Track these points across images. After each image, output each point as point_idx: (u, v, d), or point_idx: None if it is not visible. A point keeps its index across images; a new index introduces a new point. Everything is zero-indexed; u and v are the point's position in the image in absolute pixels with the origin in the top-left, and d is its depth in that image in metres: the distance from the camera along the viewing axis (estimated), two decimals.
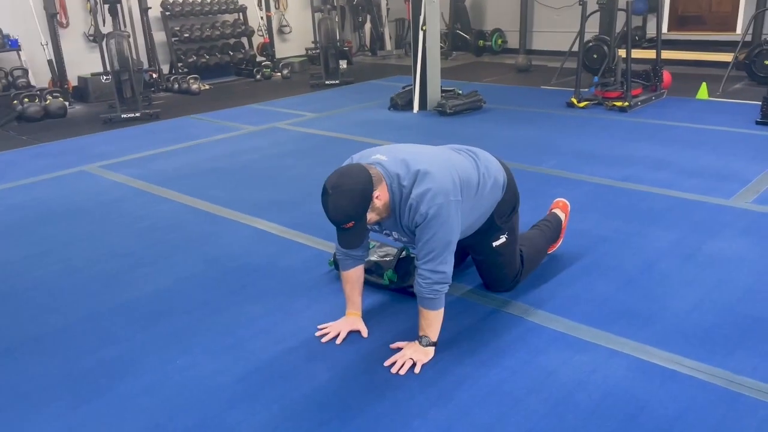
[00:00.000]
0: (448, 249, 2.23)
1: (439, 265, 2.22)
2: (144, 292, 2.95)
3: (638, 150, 4.83)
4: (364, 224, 2.22)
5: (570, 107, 6.37)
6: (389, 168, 2.25)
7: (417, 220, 2.20)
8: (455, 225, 2.24)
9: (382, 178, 2.22)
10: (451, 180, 2.26)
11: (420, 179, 2.21)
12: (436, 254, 2.21)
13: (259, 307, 2.76)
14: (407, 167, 2.25)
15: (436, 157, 2.34)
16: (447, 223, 2.20)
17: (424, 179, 2.21)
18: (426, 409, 2.06)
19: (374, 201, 2.18)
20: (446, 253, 2.23)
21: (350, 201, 2.13)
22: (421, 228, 2.20)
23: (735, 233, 3.28)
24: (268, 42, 9.68)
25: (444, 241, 2.21)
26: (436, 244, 2.20)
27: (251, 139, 5.71)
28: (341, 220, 2.16)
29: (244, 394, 2.18)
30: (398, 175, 2.24)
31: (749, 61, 7.01)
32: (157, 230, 3.67)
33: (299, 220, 3.72)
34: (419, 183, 2.20)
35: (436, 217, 2.18)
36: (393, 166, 2.26)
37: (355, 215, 2.15)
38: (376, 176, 2.20)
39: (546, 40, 10.27)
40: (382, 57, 11.10)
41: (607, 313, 2.59)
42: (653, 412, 2.00)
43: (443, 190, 2.21)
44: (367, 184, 2.15)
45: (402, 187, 2.23)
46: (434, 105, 6.39)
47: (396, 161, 2.28)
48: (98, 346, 2.51)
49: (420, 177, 2.21)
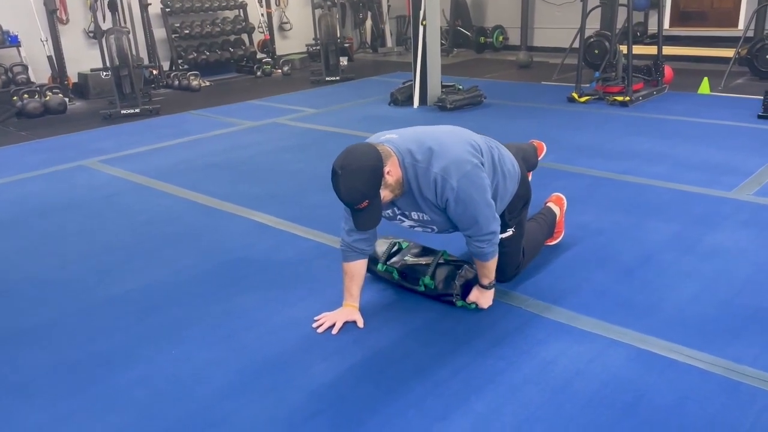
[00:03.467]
0: (489, 209, 2.27)
1: (486, 227, 2.28)
2: (138, 284, 2.92)
3: (639, 144, 4.80)
4: (379, 203, 2.19)
5: (571, 102, 6.34)
6: (400, 144, 2.24)
7: (447, 195, 2.19)
8: (486, 184, 2.26)
9: (392, 153, 2.20)
10: (466, 148, 2.27)
11: (437, 153, 2.20)
12: (482, 219, 2.25)
13: (254, 298, 2.74)
14: (419, 142, 2.24)
15: (447, 131, 2.37)
16: (479, 187, 2.23)
17: (442, 153, 2.20)
18: (422, 398, 2.04)
19: (386, 177, 2.16)
20: (488, 213, 2.27)
21: (361, 179, 2.10)
22: (454, 201, 2.20)
23: (736, 225, 3.24)
24: (268, 39, 9.66)
25: (482, 204, 2.24)
26: (477, 211, 2.23)
27: (251, 135, 5.69)
28: (354, 199, 2.13)
29: (237, 385, 2.16)
30: (410, 150, 2.22)
31: (751, 56, 6.97)
32: (153, 224, 3.65)
33: (298, 213, 3.70)
34: (438, 157, 2.19)
35: (468, 186, 2.19)
36: (404, 142, 2.25)
37: (369, 193, 2.12)
38: (385, 152, 2.18)
39: (547, 37, 10.23)
40: (383, 54, 11.07)
41: (606, 303, 2.56)
42: (652, 400, 1.98)
43: (463, 159, 2.22)
44: (377, 161, 2.13)
45: (416, 162, 2.21)
46: (434, 100, 6.36)
47: (406, 138, 2.27)
48: (90, 338, 2.49)
49: (436, 151, 2.20)
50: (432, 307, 2.58)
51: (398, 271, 2.68)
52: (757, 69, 6.95)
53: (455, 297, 2.52)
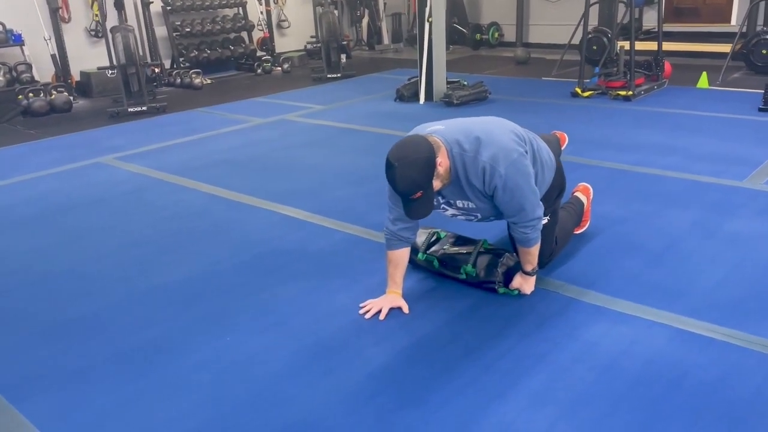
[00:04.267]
0: (534, 195, 2.38)
1: (532, 213, 2.38)
2: (176, 276, 2.98)
3: (646, 136, 4.92)
4: (432, 193, 2.28)
5: (574, 97, 6.45)
6: (447, 135, 2.32)
7: (495, 183, 2.28)
8: (531, 172, 2.37)
9: (441, 144, 2.29)
10: (512, 137, 2.38)
11: (485, 143, 2.29)
12: (527, 206, 2.35)
13: (295, 287, 2.81)
14: (466, 133, 2.33)
15: (491, 122, 2.46)
16: (525, 175, 2.33)
17: (489, 142, 2.29)
18: (476, 378, 2.12)
19: (437, 168, 2.24)
20: (533, 199, 2.38)
21: (416, 170, 2.18)
22: (502, 189, 2.29)
23: (752, 213, 3.36)
24: (267, 36, 9.69)
25: (528, 191, 2.35)
26: (523, 198, 2.33)
27: (262, 131, 5.74)
28: (410, 190, 2.21)
29: (296, 367, 2.23)
30: (458, 141, 2.31)
31: (747, 51, 7.13)
32: (180, 218, 3.70)
33: (323, 206, 3.76)
34: (485, 146, 2.28)
35: (515, 174, 2.29)
36: (451, 133, 2.33)
37: (423, 184, 2.21)
38: (435, 143, 2.27)
39: (542, 33, 10.36)
40: (380, 51, 11.14)
41: (639, 287, 2.66)
42: (696, 376, 2.08)
43: (510, 148, 2.31)
44: (430, 152, 2.22)
45: (464, 151, 2.30)
46: (440, 96, 6.45)
47: (453, 129, 2.36)
48: (141, 327, 2.55)
49: (484, 140, 2.29)
50: (473, 293, 2.66)
51: (438, 260, 2.76)
52: (753, 63, 7.12)
53: (497, 284, 2.61)
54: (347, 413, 2.00)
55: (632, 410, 1.93)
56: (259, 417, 2.00)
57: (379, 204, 3.71)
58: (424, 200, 2.25)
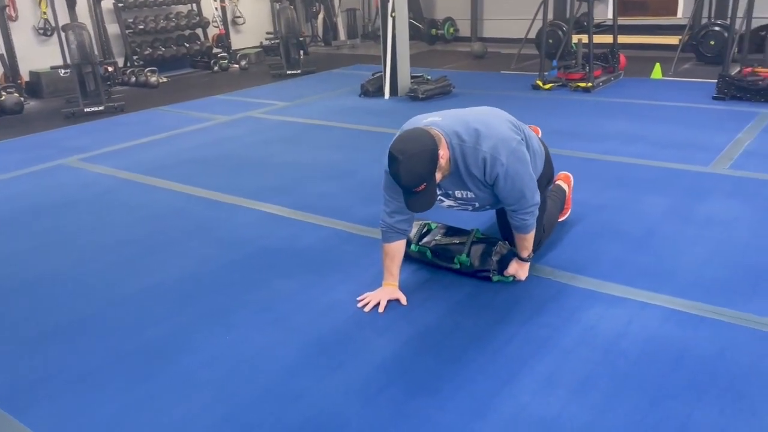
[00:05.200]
0: (533, 182, 2.45)
1: (531, 200, 2.45)
2: (167, 276, 2.92)
3: (611, 126, 5.07)
4: (434, 185, 2.30)
5: (536, 89, 6.58)
6: (445, 127, 2.35)
7: (497, 171, 2.32)
8: (528, 159, 2.44)
9: (442, 136, 2.31)
10: (509, 126, 2.45)
11: (484, 133, 2.32)
12: (528, 193, 2.42)
13: (291, 283, 2.79)
14: (465, 124, 2.36)
15: (487, 112, 2.51)
16: (524, 162, 2.40)
17: (488, 132, 2.33)
18: (484, 365, 2.16)
19: (439, 160, 2.26)
20: (532, 186, 2.45)
21: (420, 162, 2.20)
22: (503, 177, 2.34)
23: (722, 196, 3.51)
24: (223, 33, 9.54)
25: (527, 178, 2.41)
26: (523, 185, 2.39)
27: (228, 129, 5.66)
28: (414, 183, 2.22)
29: (303, 362, 2.23)
30: (457, 132, 2.34)
31: (696, 43, 7.41)
32: (159, 218, 3.63)
33: (305, 202, 3.75)
34: (485, 137, 2.32)
35: (515, 162, 2.35)
36: (449, 124, 2.36)
37: (427, 176, 2.23)
38: (436, 135, 2.29)
39: (497, 28, 10.51)
40: (336, 47, 11.10)
41: (626, 271, 2.75)
42: (694, 352, 2.16)
43: (509, 137, 2.37)
44: (433, 145, 2.24)
45: (463, 142, 2.33)
46: (405, 91, 6.48)
47: (451, 120, 2.38)
48: (139, 328, 2.50)
49: (482, 131, 2.33)
50: (467, 282, 2.70)
51: (431, 251, 2.79)
52: (702, 54, 7.40)
53: (492, 272, 2.66)
54: (362, 405, 2.00)
55: (638, 389, 2.00)
56: (274, 413, 1.98)
57: (362, 198, 3.73)
58: (427, 193, 2.27)
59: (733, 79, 5.62)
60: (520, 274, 2.65)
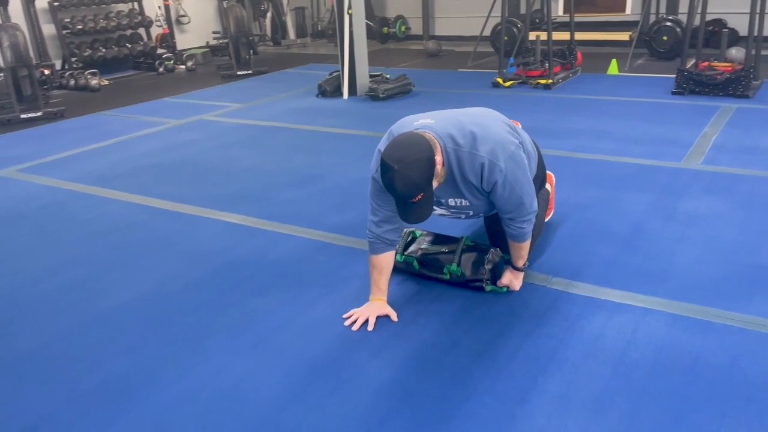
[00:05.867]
0: (531, 187, 2.30)
1: (530, 207, 2.30)
2: (128, 296, 2.66)
3: (577, 122, 5.01)
4: (432, 194, 2.11)
5: (496, 87, 6.50)
6: (439, 130, 2.17)
7: (496, 178, 2.16)
8: (526, 164, 2.29)
9: (437, 142, 2.13)
10: (505, 128, 2.29)
11: (480, 137, 2.15)
12: (526, 200, 2.27)
13: (267, 301, 2.57)
14: (459, 126, 2.18)
15: (482, 113, 2.35)
16: (523, 167, 2.25)
17: (485, 136, 2.17)
18: (491, 384, 2.00)
19: (436, 167, 2.08)
20: (531, 192, 2.30)
21: (418, 171, 2.01)
22: (502, 184, 2.18)
23: (701, 193, 3.46)
24: (167, 33, 9.14)
25: (527, 184, 2.27)
26: (522, 191, 2.24)
27: (182, 133, 5.35)
28: (411, 193, 2.03)
29: (294, 390, 2.02)
30: (451, 135, 2.16)
31: (649, 38, 7.48)
32: (115, 232, 3.34)
33: (272, 210, 3.52)
34: (482, 141, 2.15)
35: (514, 168, 2.19)
36: (443, 127, 2.18)
37: (424, 186, 2.04)
38: (432, 141, 2.11)
39: (449, 26, 10.45)
40: (286, 46, 10.83)
41: (621, 274, 2.64)
42: (708, 361, 2.05)
43: (506, 140, 2.22)
44: (430, 151, 2.05)
45: (458, 147, 2.15)
46: (365, 90, 6.30)
47: (444, 123, 2.20)
48: (102, 359, 2.23)
49: (479, 135, 2.16)
50: (459, 293, 2.54)
51: (418, 261, 2.62)
52: (654, 50, 7.48)
53: (485, 282, 2.50)
54: None
55: (658, 404, 1.88)
56: None
57: (332, 205, 3.53)
58: (425, 203, 2.09)
59: (692, 73, 5.65)
60: (514, 284, 2.50)
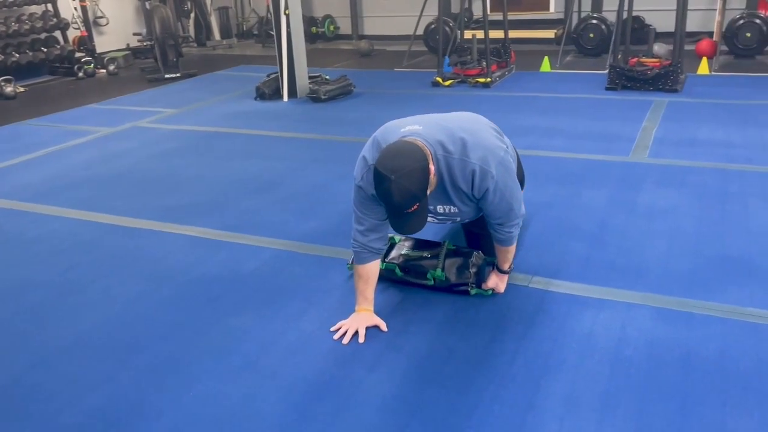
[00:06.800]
0: (520, 192, 2.30)
1: (519, 212, 2.30)
2: (93, 323, 2.47)
3: (523, 120, 5.09)
4: (426, 204, 2.06)
5: (436, 86, 6.53)
6: (428, 137, 2.11)
7: (487, 185, 2.13)
8: (514, 169, 2.28)
9: (427, 149, 2.08)
10: (493, 134, 2.30)
11: (470, 144, 2.12)
12: (516, 205, 2.26)
13: (247, 319, 2.45)
14: (449, 132, 2.14)
15: (469, 119, 2.35)
16: (512, 173, 2.24)
17: (475, 142, 2.14)
18: (497, 391, 1.97)
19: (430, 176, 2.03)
20: (520, 197, 2.30)
21: (414, 181, 1.95)
22: (493, 191, 2.15)
23: (654, 186, 3.57)
24: (86, 35, 8.67)
25: (516, 189, 2.26)
26: (512, 197, 2.23)
27: (117, 142, 5.07)
28: (408, 204, 1.97)
29: (294, 414, 1.92)
30: (441, 142, 2.11)
31: (576, 35, 7.72)
32: (63, 253, 3.11)
33: (232, 221, 3.37)
34: (472, 147, 2.12)
35: (504, 174, 2.18)
36: (432, 134, 2.13)
37: (420, 196, 1.99)
38: (424, 148, 2.05)
39: (379, 25, 10.44)
40: (212, 47, 10.51)
41: (597, 270, 2.68)
42: (699, 353, 2.11)
43: (496, 146, 2.21)
44: (424, 160, 2.00)
45: (448, 154, 2.11)
46: (305, 92, 6.18)
47: (433, 129, 2.15)
48: (74, 395, 2.06)
49: (469, 141, 2.13)
50: (443, 299, 2.50)
51: (400, 267, 2.57)
52: (582, 47, 7.72)
53: (470, 286, 2.48)
54: None
55: (662, 399, 1.91)
56: None
57: (296, 212, 3.43)
58: (420, 212, 2.04)
59: (624, 69, 5.86)
60: (500, 287, 2.49)
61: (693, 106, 5.27)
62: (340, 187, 3.77)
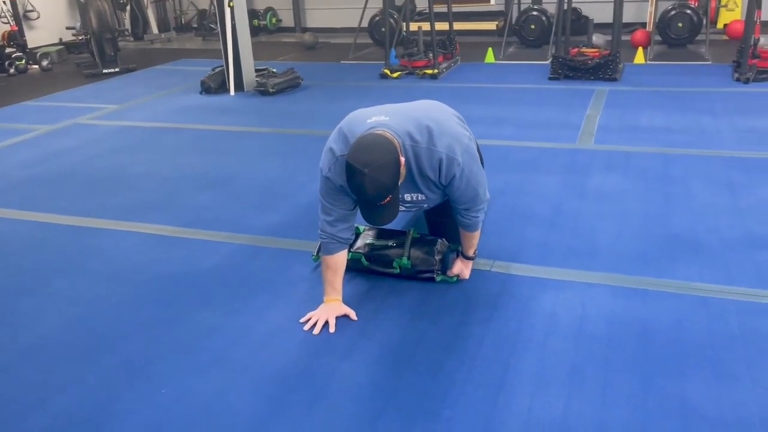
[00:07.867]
0: (484, 178, 2.35)
1: (484, 197, 2.35)
2: (50, 327, 2.39)
3: (471, 110, 5.11)
4: (398, 195, 2.09)
5: (384, 78, 6.56)
6: (397, 127, 2.13)
7: (454, 172, 2.17)
8: (478, 156, 2.34)
9: (396, 141, 2.09)
10: (457, 122, 2.34)
11: (436, 132, 2.15)
12: (481, 191, 2.31)
13: (214, 315, 2.42)
14: (416, 122, 2.16)
15: (433, 107, 2.38)
16: (476, 159, 2.29)
17: (441, 131, 2.17)
18: (468, 373, 2.02)
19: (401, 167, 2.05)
20: (485, 183, 2.35)
21: (387, 174, 1.98)
22: (460, 177, 2.19)
23: (601, 171, 3.70)
24: (16, 30, 8.30)
25: (481, 175, 2.31)
26: (477, 183, 2.28)
27: (58, 140, 4.89)
28: (381, 196, 1.99)
29: (270, 406, 1.92)
30: (409, 132, 2.14)
31: (518, 27, 7.88)
32: (10, 255, 2.99)
33: (186, 217, 3.31)
34: (438, 136, 2.15)
35: (470, 160, 2.23)
36: (400, 124, 2.15)
37: (393, 188, 2.01)
38: (393, 140, 2.07)
39: (322, 18, 10.38)
40: (150, 41, 10.23)
41: (555, 252, 2.77)
42: (656, 327, 2.21)
43: (460, 133, 2.25)
44: (395, 153, 2.03)
45: (416, 143, 2.14)
46: (252, 85, 6.10)
47: (400, 119, 2.17)
48: (37, 400, 1.99)
49: (435, 130, 2.16)
50: (410, 286, 2.54)
51: (366, 257, 2.59)
52: (524, 38, 7.88)
53: (436, 272, 2.52)
54: None
55: (625, 371, 1.99)
56: None
57: (252, 206, 3.40)
58: (392, 204, 2.07)
59: (566, 59, 6.03)
60: (465, 273, 2.55)
61: (632, 94, 5.47)
62: (296, 180, 3.76)
